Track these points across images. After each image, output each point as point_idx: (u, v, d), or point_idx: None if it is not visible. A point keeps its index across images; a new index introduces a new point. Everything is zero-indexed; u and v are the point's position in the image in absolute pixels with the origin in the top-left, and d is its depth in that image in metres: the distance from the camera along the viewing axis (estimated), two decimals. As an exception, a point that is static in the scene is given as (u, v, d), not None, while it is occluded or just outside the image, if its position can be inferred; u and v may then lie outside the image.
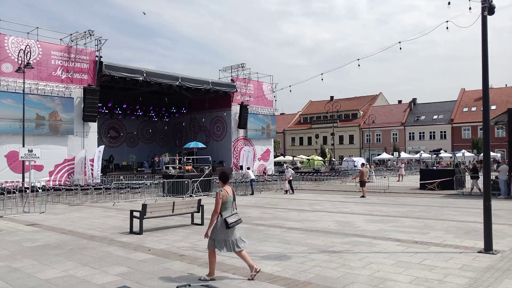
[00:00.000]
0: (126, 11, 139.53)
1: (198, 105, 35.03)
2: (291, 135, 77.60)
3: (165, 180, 20.96)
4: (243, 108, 32.28)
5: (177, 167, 25.08)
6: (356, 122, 69.85)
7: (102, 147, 24.90)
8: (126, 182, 21.90)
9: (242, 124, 32.56)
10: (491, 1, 7.34)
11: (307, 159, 52.01)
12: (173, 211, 10.70)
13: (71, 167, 23.57)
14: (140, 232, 9.93)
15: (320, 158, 55.38)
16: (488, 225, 7.54)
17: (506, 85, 63.81)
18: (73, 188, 20.11)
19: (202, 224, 11.15)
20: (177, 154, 31.63)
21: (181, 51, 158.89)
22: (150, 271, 6.51)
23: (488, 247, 7.46)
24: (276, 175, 31.30)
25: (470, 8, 7.73)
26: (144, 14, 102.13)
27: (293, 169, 29.69)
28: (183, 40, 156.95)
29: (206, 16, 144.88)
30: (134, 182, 22.06)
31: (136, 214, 10.19)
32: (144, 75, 26.46)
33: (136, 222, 10.17)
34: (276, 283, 5.83)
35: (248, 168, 24.65)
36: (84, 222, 12.05)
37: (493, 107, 54.18)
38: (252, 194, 21.71)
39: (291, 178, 22.26)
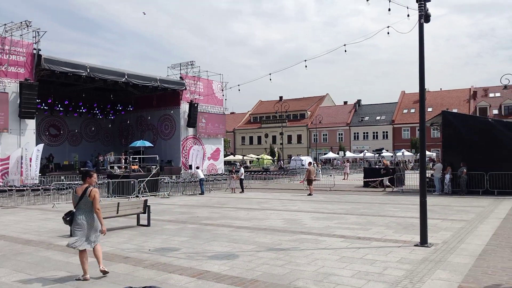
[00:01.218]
0: (67, 1, 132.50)
1: (145, 102, 34.03)
2: (241, 134, 77.87)
3: (110, 180, 20.20)
4: (193, 106, 31.88)
5: (123, 166, 24.28)
6: (304, 122, 71.52)
7: (41, 146, 23.50)
8: (67, 182, 20.82)
9: (192, 122, 32.16)
10: (427, 10, 7.81)
11: (257, 158, 52.45)
12: (117, 212, 10.33)
13: (5, 167, 21.99)
14: (82, 234, 9.46)
15: (269, 157, 56.07)
16: (424, 220, 8.02)
17: (441, 89, 68.40)
18: (7, 189, 18.77)
19: (148, 225, 10.88)
20: (122, 153, 30.59)
21: (128, 46, 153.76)
22: (92, 275, 6.24)
23: (423, 241, 7.94)
24: (226, 174, 31.26)
25: (408, 15, 8.18)
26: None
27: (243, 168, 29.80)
28: (130, 35, 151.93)
29: (154, 12, 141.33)
30: (76, 182, 21.01)
31: (78, 216, 9.70)
32: (88, 70, 25.30)
33: (77, 224, 9.68)
34: (223, 282, 5.82)
35: (198, 168, 24.40)
36: (19, 226, 11.30)
37: (429, 109, 57.80)
38: (202, 193, 21.52)
39: (242, 177, 22.34)
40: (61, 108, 32.47)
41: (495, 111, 57.01)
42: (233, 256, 7.38)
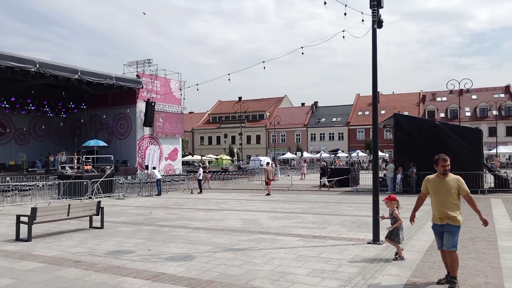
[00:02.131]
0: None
1: (100, 100, 32.77)
2: (200, 134, 77.19)
3: (61, 181, 19.29)
4: (149, 105, 31.16)
5: (75, 166, 23.32)
6: (263, 122, 72.08)
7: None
8: (13, 183, 19.66)
9: (148, 122, 31.42)
10: (380, 16, 8.12)
11: (216, 158, 52.20)
12: (68, 215, 9.89)
13: None
14: (29, 239, 8.99)
15: (228, 157, 56.00)
16: (376, 219, 8.32)
17: (393, 92, 71.37)
18: None
19: (102, 227, 10.50)
20: (75, 153, 29.36)
21: (81, 42, 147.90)
22: (40, 281, 5.93)
23: (375, 238, 8.24)
24: (184, 175, 30.84)
25: (362, 21, 8.46)
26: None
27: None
28: (83, 30, 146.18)
29: (110, 7, 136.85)
30: (23, 183, 19.89)
31: (24, 219, 9.19)
32: (37, 66, 24.00)
33: (24, 228, 9.18)
34: (179, 284, 5.73)
35: (154, 168, 23.88)
36: (-41, 230, 10.53)
37: (382, 112, 60.14)
38: (159, 194, 21.09)
39: (200, 178, 22.11)
40: (6, 105, 30.60)
41: (442, 115, 60.29)
42: (189, 257, 7.28)
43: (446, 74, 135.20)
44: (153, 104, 31.28)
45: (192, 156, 59.04)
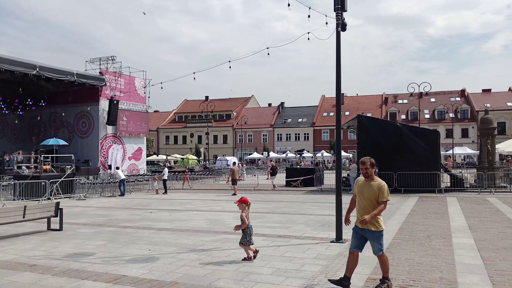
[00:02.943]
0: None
1: (60, 98, 31.54)
2: (165, 133, 76.01)
3: (17, 181, 18.42)
4: (113, 103, 30.33)
5: (32, 166, 22.35)
6: (230, 122, 71.95)
7: None
8: (-36, 184, 18.58)
9: (112, 120, 30.57)
10: (344, 19, 8.30)
11: (181, 158, 51.55)
12: (24, 217, 9.45)
13: None
14: (-20, 242, 8.52)
15: (194, 157, 55.46)
16: (339, 218, 8.48)
17: (357, 94, 73.26)
18: None
19: (60, 229, 10.11)
20: (32, 152, 28.12)
21: (41, 36, 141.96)
22: (-9, 287, 5.63)
23: (339, 237, 8.40)
24: (148, 175, 30.26)
25: (326, 23, 8.62)
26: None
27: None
28: (43, 24, 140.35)
29: (73, 2, 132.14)
30: (-25, 184, 18.85)
31: (-25, 221, 8.70)
32: (-8, 60, 22.82)
33: (-25, 231, 8.69)
34: (141, 286, 5.61)
35: (117, 168, 23.29)
36: None
37: (346, 113, 61.55)
38: (122, 195, 20.57)
39: (166, 178, 21.74)
40: (-43, 101, 28.91)
41: (403, 116, 62.45)
42: (152, 259, 7.15)
43: (407, 77, 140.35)
44: (116, 102, 30.47)
45: (157, 155, 58.06)
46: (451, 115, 57.98)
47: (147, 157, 40.83)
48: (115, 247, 8.14)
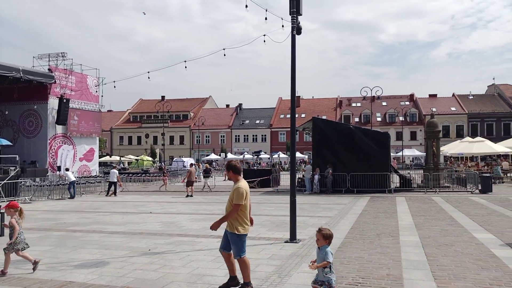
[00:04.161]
0: None
1: (4, 95, 29.61)
2: (119, 133, 73.72)
3: (-46, 184, 17.13)
4: (63, 102, 28.98)
5: (-28, 168, 20.84)
6: (187, 123, 71.06)
7: None
8: None
9: (61, 120, 29.18)
10: (299, 23, 8.46)
11: (136, 159, 50.24)
12: (-40, 222, 8.79)
13: None
14: None
15: (149, 158, 54.23)
16: (293, 218, 8.63)
17: (313, 97, 74.80)
18: None
19: (2, 235, 9.51)
20: (-28, 153, 26.25)
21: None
22: None
23: (293, 237, 8.54)
24: (100, 177, 29.20)
25: (283, 26, 8.74)
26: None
27: (119, 169, 28.26)
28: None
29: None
30: None
31: None
32: None
33: None
34: (89, 293, 5.40)
35: (67, 169, 22.28)
36: None
37: (303, 115, 62.70)
38: (72, 197, 19.71)
39: (114, 180, 21.03)
40: None
41: (357, 119, 64.59)
42: (103, 263, 6.91)
43: (361, 81, 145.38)
44: (65, 100, 29.10)
45: (110, 156, 56.23)
46: (401, 118, 60.71)
47: (99, 158, 39.42)
48: (62, 252, 7.78)
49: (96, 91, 32.88)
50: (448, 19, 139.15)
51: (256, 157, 33.50)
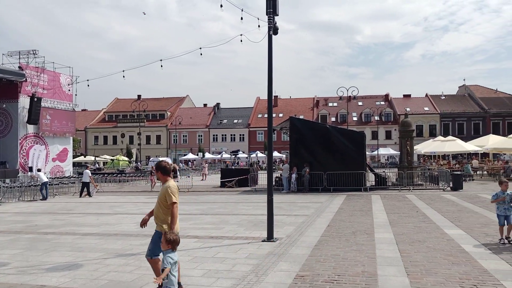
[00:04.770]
0: None
1: (-29, 93, 28.56)
2: (94, 133, 72.19)
3: None
4: (34, 100, 28.11)
5: None
6: (164, 122, 70.25)
7: None
8: None
9: (33, 119, 28.31)
10: (275, 23, 8.49)
11: (111, 159, 49.30)
12: None
13: None
14: None
15: (125, 158, 53.32)
16: (270, 217, 8.66)
17: (290, 96, 75.23)
18: None
19: (-31, 238, 9.16)
20: None
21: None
22: None
23: (270, 236, 8.57)
24: (74, 177, 28.50)
25: (259, 26, 8.76)
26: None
27: (94, 170, 27.68)
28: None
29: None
30: None
31: None
32: None
33: None
34: (62, 296, 5.27)
35: (39, 170, 21.65)
36: None
37: (280, 115, 63.04)
38: (45, 199, 19.18)
39: (87, 180, 20.57)
40: None
41: (333, 119, 65.41)
42: (76, 266, 6.75)
43: (337, 81, 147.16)
44: (36, 99, 28.23)
45: (85, 156, 55.01)
46: (376, 118, 61.83)
47: (73, 158, 38.47)
48: (33, 256, 7.56)
49: (69, 90, 32.05)
50: (421, 21, 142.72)
51: (234, 156, 33.41)
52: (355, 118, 65.18)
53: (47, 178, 21.14)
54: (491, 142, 29.61)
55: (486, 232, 8.89)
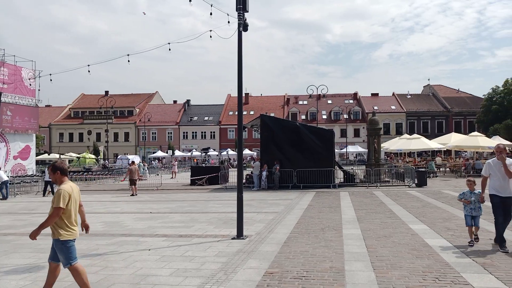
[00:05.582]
0: None
1: None
2: (59, 130, 69.79)
3: None
4: (-6, 96, 26.89)
5: None
6: (132, 119, 68.83)
7: None
8: None
9: (-8, 115, 27.09)
10: (245, 20, 8.45)
11: (77, 157, 47.83)
12: None
13: None
14: None
15: (92, 156, 51.84)
16: (240, 215, 8.64)
17: (261, 94, 75.46)
18: None
19: None
20: None
21: None
22: None
23: (239, 234, 8.55)
24: (37, 176, 27.46)
25: (228, 22, 8.69)
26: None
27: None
28: None
29: None
30: None
31: None
32: None
33: None
34: (21, 300, 5.05)
35: (-1, 168, 20.71)
36: None
37: (251, 112, 63.13)
38: (5, 198, 18.37)
39: (48, 179, 19.87)
40: None
41: (303, 117, 66.10)
42: (37, 268, 6.50)
43: (308, 79, 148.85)
44: (-2, 94, 27.04)
45: (49, 154, 53.10)
46: (345, 116, 63.00)
47: (36, 156, 37.05)
48: (-9, 258, 7.21)
49: (30, 84, 30.80)
50: (389, 22, 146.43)
51: (204, 154, 33.09)
52: (324, 116, 66.13)
53: (8, 176, 20.27)
54: (453, 140, 30.79)
55: (448, 227, 9.23)
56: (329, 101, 68.05)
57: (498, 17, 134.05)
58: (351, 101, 69.22)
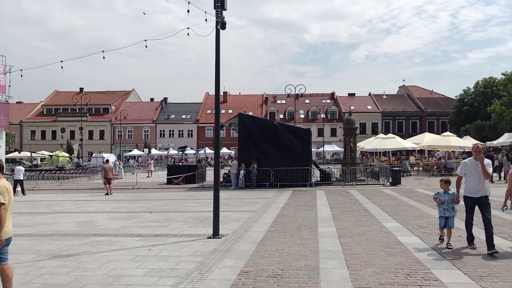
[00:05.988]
0: None
1: None
2: (31, 127, 67.76)
3: None
4: (-39, 91, 25.82)
5: None
6: (108, 117, 67.55)
7: None
8: None
9: (-41, 111, 26.00)
10: (223, 18, 8.41)
11: (50, 155, 46.53)
12: None
13: None
14: None
15: (66, 154, 50.54)
16: (216, 213, 8.60)
17: (240, 93, 75.39)
18: None
19: None
20: None
21: None
22: None
23: (215, 233, 8.51)
24: (7, 174, 26.55)
25: (206, 20, 8.63)
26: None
27: (30, 166, 25.95)
28: None
29: None
30: None
31: None
32: None
33: None
34: (-13, 303, 4.87)
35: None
36: None
37: (230, 111, 62.97)
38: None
39: (21, 178, 19.27)
40: None
41: (281, 116, 66.42)
42: None
43: (286, 79, 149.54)
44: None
45: (19, 152, 51.46)
46: (323, 115, 63.67)
47: (6, 154, 35.87)
48: (-44, 260, 6.91)
49: (-1, 80, 29.73)
50: (366, 23, 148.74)
51: (181, 152, 32.74)
52: (302, 116, 66.64)
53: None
54: (426, 139, 31.58)
55: (420, 224, 9.46)
56: (307, 101, 68.61)
57: (470, 21, 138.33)
58: (329, 101, 70.00)
